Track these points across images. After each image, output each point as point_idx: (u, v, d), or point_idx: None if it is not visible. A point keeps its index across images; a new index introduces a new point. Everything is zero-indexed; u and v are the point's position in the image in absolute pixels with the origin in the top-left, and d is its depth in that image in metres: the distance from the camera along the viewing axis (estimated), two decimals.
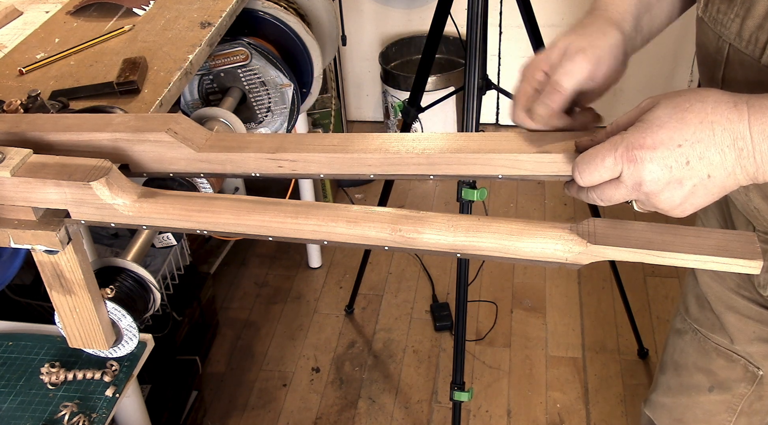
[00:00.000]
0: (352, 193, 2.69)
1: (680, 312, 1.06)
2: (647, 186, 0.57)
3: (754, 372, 0.97)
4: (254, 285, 2.35)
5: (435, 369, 2.04)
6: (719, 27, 0.72)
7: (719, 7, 0.72)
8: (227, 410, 1.96)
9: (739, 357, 0.98)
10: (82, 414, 1.05)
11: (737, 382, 1.00)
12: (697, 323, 1.02)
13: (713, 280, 0.97)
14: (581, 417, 1.89)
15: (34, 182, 0.64)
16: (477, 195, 1.50)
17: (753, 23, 0.67)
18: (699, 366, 1.03)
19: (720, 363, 1.00)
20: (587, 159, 0.59)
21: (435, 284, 2.30)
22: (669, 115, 0.57)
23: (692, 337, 1.03)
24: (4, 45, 1.36)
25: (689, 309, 1.03)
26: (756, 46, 0.67)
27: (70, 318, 0.73)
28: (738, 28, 0.69)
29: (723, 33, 0.72)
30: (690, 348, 1.04)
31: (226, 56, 1.42)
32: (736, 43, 0.70)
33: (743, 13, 0.68)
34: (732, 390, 1.00)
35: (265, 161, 0.67)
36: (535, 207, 2.60)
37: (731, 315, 0.96)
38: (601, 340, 2.09)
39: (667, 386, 1.09)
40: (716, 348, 1.00)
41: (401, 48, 2.81)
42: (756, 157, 0.56)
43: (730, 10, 0.70)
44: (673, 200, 0.58)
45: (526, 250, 0.60)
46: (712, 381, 1.02)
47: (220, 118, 1.22)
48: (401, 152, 0.65)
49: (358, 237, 0.63)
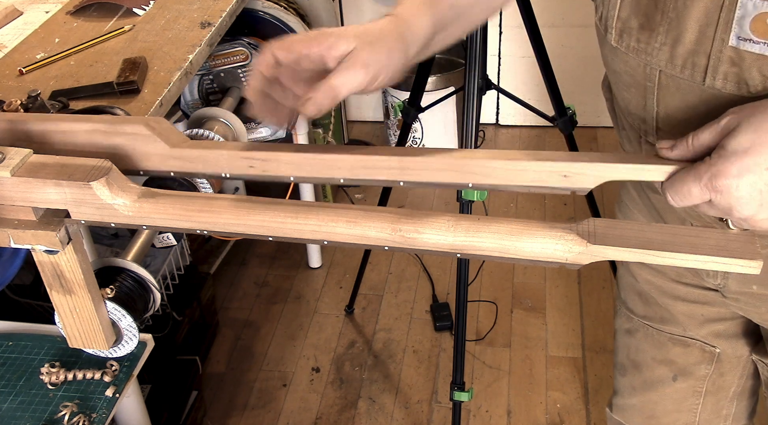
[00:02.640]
0: (352, 193, 2.69)
1: (623, 312, 1.08)
2: (740, 212, 0.58)
3: (712, 351, 1.00)
4: (254, 285, 2.35)
5: (435, 369, 2.04)
6: (643, 55, 0.72)
7: (638, 37, 0.71)
8: (227, 410, 1.96)
9: (694, 341, 1.00)
10: (82, 414, 1.05)
11: (697, 365, 1.02)
12: (646, 319, 1.04)
13: (652, 275, 0.99)
14: (581, 417, 1.89)
15: (34, 182, 0.64)
16: (477, 195, 1.50)
17: (684, 50, 0.67)
18: (658, 359, 1.05)
19: (677, 350, 1.02)
20: (676, 186, 0.60)
21: (435, 284, 2.30)
22: (752, 139, 0.57)
23: (644, 333, 1.05)
24: (4, 45, 1.36)
25: (633, 308, 1.05)
26: (694, 70, 0.68)
27: (70, 318, 0.73)
28: (668, 55, 0.69)
29: (649, 61, 0.71)
30: (644, 344, 1.05)
31: (226, 56, 1.42)
32: (669, 69, 0.70)
33: (671, 42, 0.68)
34: (694, 374, 1.03)
35: (237, 160, 0.67)
36: (535, 207, 2.60)
37: (678, 304, 0.98)
38: (601, 340, 2.09)
39: (631, 387, 1.11)
40: (671, 337, 1.02)
41: None
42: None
43: (653, 39, 0.70)
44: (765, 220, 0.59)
45: (526, 250, 0.60)
46: (674, 371, 1.04)
47: (220, 118, 1.22)
48: (374, 157, 0.65)
49: (358, 237, 0.63)
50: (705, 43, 0.66)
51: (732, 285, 0.89)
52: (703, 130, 0.61)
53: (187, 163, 0.68)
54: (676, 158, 0.62)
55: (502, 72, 2.83)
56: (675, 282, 0.97)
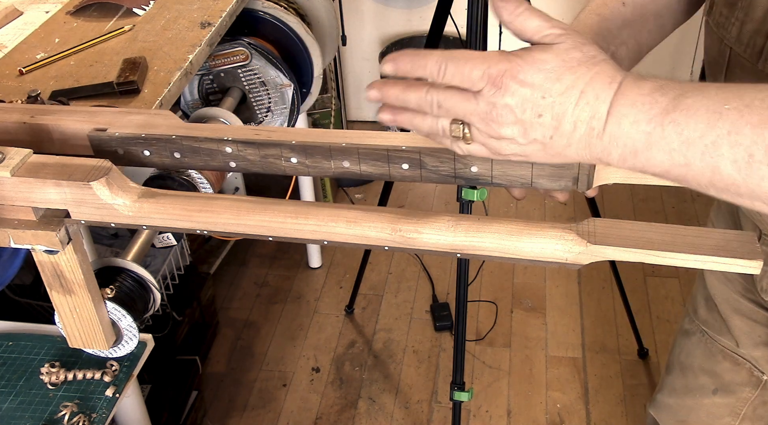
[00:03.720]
0: (352, 193, 2.69)
1: (689, 313, 1.06)
2: (496, 114, 0.54)
3: (759, 376, 0.97)
4: (254, 285, 2.35)
5: (435, 369, 2.04)
6: (721, 31, 0.72)
7: (722, 11, 0.72)
8: (227, 410, 1.96)
9: (744, 360, 0.97)
10: (82, 414, 1.05)
11: (742, 386, 0.99)
12: (705, 325, 1.01)
13: (720, 282, 0.97)
14: (581, 417, 1.89)
15: (34, 182, 0.64)
16: (477, 195, 1.50)
17: (751, 27, 0.68)
18: (704, 368, 1.02)
19: (725, 365, 0.99)
20: (458, 55, 0.54)
21: (435, 284, 2.30)
22: (555, 64, 0.53)
23: (699, 339, 1.02)
24: (4, 45, 1.36)
25: (698, 310, 1.03)
26: (753, 50, 0.68)
27: (70, 318, 0.73)
28: (737, 32, 0.69)
29: (725, 37, 0.72)
30: (696, 349, 1.03)
31: (226, 56, 1.42)
32: (736, 47, 0.70)
33: (742, 17, 0.68)
34: (736, 393, 1.00)
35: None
36: (535, 207, 2.60)
37: (737, 319, 0.95)
38: (601, 340, 2.09)
39: (672, 387, 1.09)
40: (722, 350, 0.99)
41: (401, 48, 2.79)
42: (604, 139, 0.53)
43: (731, 14, 0.70)
44: (509, 142, 0.55)
45: (526, 250, 0.60)
46: (716, 384, 1.01)
47: (220, 118, 1.22)
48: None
49: (358, 237, 0.63)
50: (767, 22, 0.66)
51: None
52: (533, 15, 0.55)
53: None
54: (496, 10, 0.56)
55: None
56: (740, 295, 0.94)
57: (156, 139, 0.68)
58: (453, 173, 0.64)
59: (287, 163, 0.66)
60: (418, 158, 0.64)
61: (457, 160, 0.63)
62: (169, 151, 0.68)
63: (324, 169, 0.66)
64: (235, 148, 0.67)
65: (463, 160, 0.63)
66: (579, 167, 0.61)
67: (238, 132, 0.68)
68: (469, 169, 0.63)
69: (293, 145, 0.65)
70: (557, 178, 0.62)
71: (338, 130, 0.64)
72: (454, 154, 0.62)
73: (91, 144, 0.70)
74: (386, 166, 0.65)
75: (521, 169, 0.62)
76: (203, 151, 0.68)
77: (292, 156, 0.66)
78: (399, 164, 0.64)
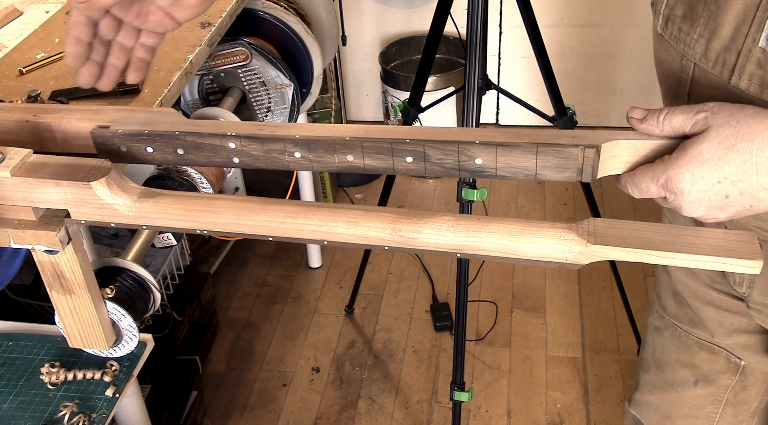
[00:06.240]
0: (352, 193, 2.69)
1: (656, 309, 1.07)
2: (690, 212, 0.62)
3: (737, 362, 0.99)
4: (254, 285, 2.35)
5: (435, 369, 2.04)
6: (682, 46, 0.72)
7: (680, 27, 0.72)
8: (227, 410, 1.96)
9: (721, 348, 0.99)
10: (82, 414, 1.05)
11: (721, 374, 1.01)
12: (676, 319, 1.03)
13: (687, 277, 0.98)
14: (581, 417, 1.89)
15: (34, 182, 0.64)
16: (477, 195, 1.50)
17: (719, 44, 0.67)
18: (682, 361, 1.04)
19: (702, 356, 1.01)
20: (635, 181, 0.63)
21: (435, 284, 2.30)
22: (713, 151, 0.58)
23: (672, 333, 1.04)
24: (4, 45, 1.36)
25: (666, 306, 1.04)
26: (724, 67, 0.68)
27: (70, 318, 0.73)
28: (703, 49, 0.69)
29: (687, 52, 0.72)
30: (671, 344, 1.04)
31: (226, 56, 1.42)
32: (702, 63, 0.70)
33: (708, 35, 0.68)
34: (716, 382, 1.02)
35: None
36: (535, 207, 2.60)
37: (709, 310, 0.97)
38: (601, 340, 2.09)
39: (651, 384, 1.10)
40: (698, 341, 1.00)
41: (401, 48, 2.81)
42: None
43: (693, 30, 0.70)
44: (716, 219, 0.63)
45: (526, 250, 0.60)
46: (696, 375, 1.03)
47: (220, 118, 1.22)
48: None
49: (358, 237, 0.63)
50: (738, 40, 0.66)
51: (755, 296, 0.87)
52: (675, 113, 0.61)
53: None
54: (643, 131, 0.63)
55: (502, 72, 2.83)
56: (708, 286, 0.95)
57: (159, 136, 0.68)
58: (457, 165, 0.64)
59: (291, 157, 0.66)
60: (422, 150, 0.63)
61: (461, 152, 0.63)
62: (172, 148, 0.68)
63: (328, 163, 0.66)
64: (238, 144, 0.67)
65: (467, 152, 0.63)
66: (583, 158, 0.61)
67: (241, 127, 0.68)
68: (473, 162, 0.63)
69: (297, 140, 0.65)
70: (562, 169, 0.62)
71: (341, 125, 0.64)
72: (458, 146, 0.63)
73: (94, 141, 0.69)
74: (390, 159, 0.64)
75: (525, 161, 0.62)
76: (206, 147, 0.68)
77: (295, 150, 0.66)
78: (403, 157, 0.64)
